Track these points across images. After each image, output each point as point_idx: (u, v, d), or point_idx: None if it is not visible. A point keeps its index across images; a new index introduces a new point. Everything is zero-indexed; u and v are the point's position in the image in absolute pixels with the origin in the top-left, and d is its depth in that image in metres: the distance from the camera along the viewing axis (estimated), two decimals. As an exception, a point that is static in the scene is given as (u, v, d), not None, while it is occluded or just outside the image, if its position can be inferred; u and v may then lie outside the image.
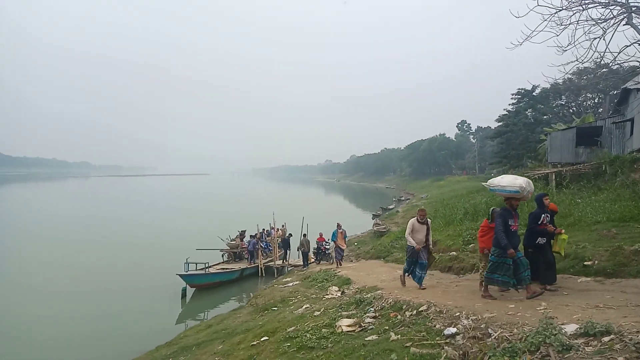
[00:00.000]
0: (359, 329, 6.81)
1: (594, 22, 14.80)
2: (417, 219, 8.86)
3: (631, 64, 16.22)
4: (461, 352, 4.67)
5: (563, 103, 51.03)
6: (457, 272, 12.07)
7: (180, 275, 18.26)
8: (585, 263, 8.41)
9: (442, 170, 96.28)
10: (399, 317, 6.83)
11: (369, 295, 9.07)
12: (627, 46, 15.13)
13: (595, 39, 15.12)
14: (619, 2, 14.33)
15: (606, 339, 3.68)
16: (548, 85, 47.32)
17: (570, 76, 37.01)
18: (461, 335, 5.20)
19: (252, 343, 8.00)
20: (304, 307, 10.36)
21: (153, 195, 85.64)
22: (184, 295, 17.80)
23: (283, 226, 26.63)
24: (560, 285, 7.94)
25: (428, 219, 9.11)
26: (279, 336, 7.68)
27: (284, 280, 17.53)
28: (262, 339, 8.01)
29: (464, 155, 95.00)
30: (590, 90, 46.01)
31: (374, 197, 77.43)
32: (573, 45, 16.14)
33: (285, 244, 22.72)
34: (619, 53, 15.96)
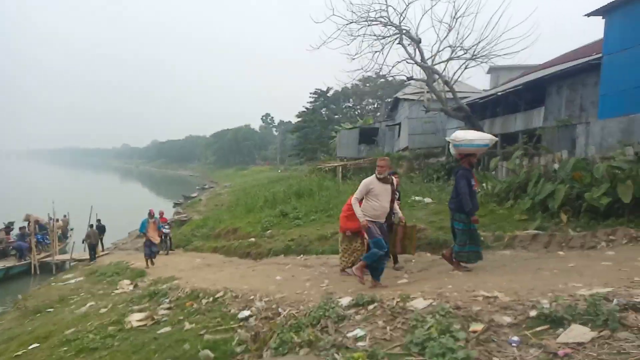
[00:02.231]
0: (152, 322, 6.46)
1: (376, 38, 17.32)
2: (376, 175, 6.06)
3: (401, 77, 19.45)
4: (253, 333, 4.88)
5: (350, 105, 57.96)
6: (255, 257, 12.54)
7: None
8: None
9: (246, 159, 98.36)
10: (195, 305, 6.74)
11: (164, 287, 8.68)
12: (399, 62, 18.15)
13: (376, 52, 17.73)
14: (394, 24, 17.05)
15: (371, 307, 4.30)
16: (339, 89, 53.03)
17: (357, 82, 42.23)
18: (254, 317, 5.43)
19: (16, 353, 6.77)
20: (88, 305, 9.28)
21: None
22: None
23: (65, 216, 23.26)
24: (335, 263, 9.05)
25: (394, 177, 6.60)
26: (53, 341, 6.70)
27: (65, 277, 15.34)
28: (30, 347, 6.86)
29: (267, 146, 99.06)
30: (371, 96, 53.41)
31: (177, 185, 74.16)
32: (360, 55, 18.53)
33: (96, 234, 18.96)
34: (392, 67, 18.88)
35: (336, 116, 54.07)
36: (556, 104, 14.84)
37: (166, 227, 16.80)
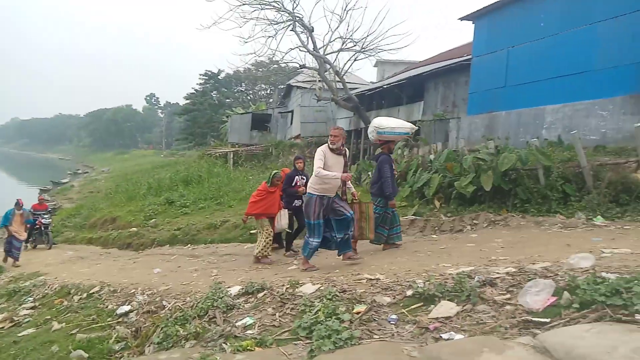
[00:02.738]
0: (10, 324, 5.70)
1: (269, 22, 17.16)
2: (329, 145, 5.56)
3: (294, 64, 19.60)
4: (134, 328, 4.57)
5: (243, 90, 56.85)
6: (137, 248, 11.76)
7: None
8: (252, 232, 9.67)
9: (127, 143, 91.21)
10: (66, 303, 6.10)
11: (27, 284, 7.71)
12: (292, 49, 18.26)
13: (269, 37, 17.58)
14: (287, 10, 17.06)
15: (260, 294, 4.30)
16: (231, 72, 51.68)
17: (249, 66, 41.56)
18: (135, 312, 5.09)
19: None
20: None
21: None
22: None
23: None
24: (232, 252, 8.92)
25: (346, 148, 6.01)
26: None
27: None
28: None
29: (152, 129, 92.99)
30: (264, 82, 52.97)
31: (44, 169, 66.02)
32: (252, 39, 18.21)
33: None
34: (285, 53, 18.88)
35: (228, 100, 52.63)
36: (433, 99, 16.21)
37: (45, 216, 13.92)
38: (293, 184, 7.52)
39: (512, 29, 11.98)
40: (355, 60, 17.95)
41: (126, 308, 5.22)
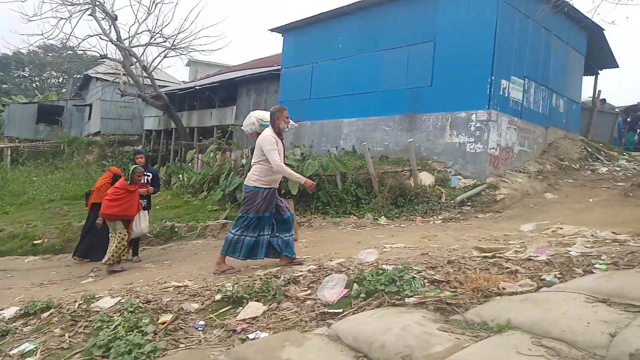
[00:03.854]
0: None
1: (62, 2, 14.97)
2: (278, 128, 4.83)
3: (93, 53, 17.55)
4: None
5: (26, 75, 48.11)
6: None
7: None
8: (35, 242, 8.31)
9: None
10: None
11: None
12: (90, 36, 16.31)
13: (62, 19, 15.32)
14: (85, -8, 15.17)
15: (46, 314, 3.73)
16: (10, 53, 43.22)
17: (35, 49, 35.35)
18: None
19: None
20: None
21: None
22: None
23: None
24: (7, 267, 7.46)
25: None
26: None
27: None
28: None
29: None
30: (55, 69, 45.81)
31: None
32: (40, 18, 15.60)
33: None
34: (82, 40, 16.77)
35: (5, 86, 43.81)
36: (246, 104, 16.57)
37: None
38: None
39: (316, 47, 13.14)
40: (165, 57, 17.08)
41: None
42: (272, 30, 14.30)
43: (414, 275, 3.09)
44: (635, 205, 6.94)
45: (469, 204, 8.40)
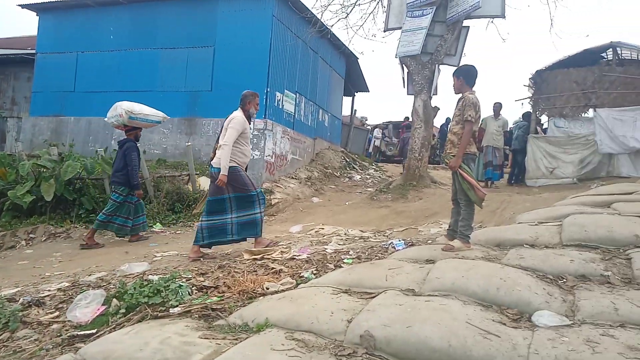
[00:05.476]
0: None
1: None
2: (249, 111, 4.93)
3: None
4: None
5: None
6: None
7: None
8: None
9: None
10: None
11: None
12: None
13: None
14: None
15: None
16: None
17: None
18: None
19: None
20: None
21: None
22: None
23: None
24: None
25: None
26: None
27: None
28: None
29: None
30: None
31: None
32: None
33: None
34: None
35: None
36: (-15, 90, 13.42)
37: None
38: None
39: (83, 34, 11.55)
40: None
41: None
42: (24, 6, 11.98)
43: (181, 284, 2.99)
44: (379, 206, 8.34)
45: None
